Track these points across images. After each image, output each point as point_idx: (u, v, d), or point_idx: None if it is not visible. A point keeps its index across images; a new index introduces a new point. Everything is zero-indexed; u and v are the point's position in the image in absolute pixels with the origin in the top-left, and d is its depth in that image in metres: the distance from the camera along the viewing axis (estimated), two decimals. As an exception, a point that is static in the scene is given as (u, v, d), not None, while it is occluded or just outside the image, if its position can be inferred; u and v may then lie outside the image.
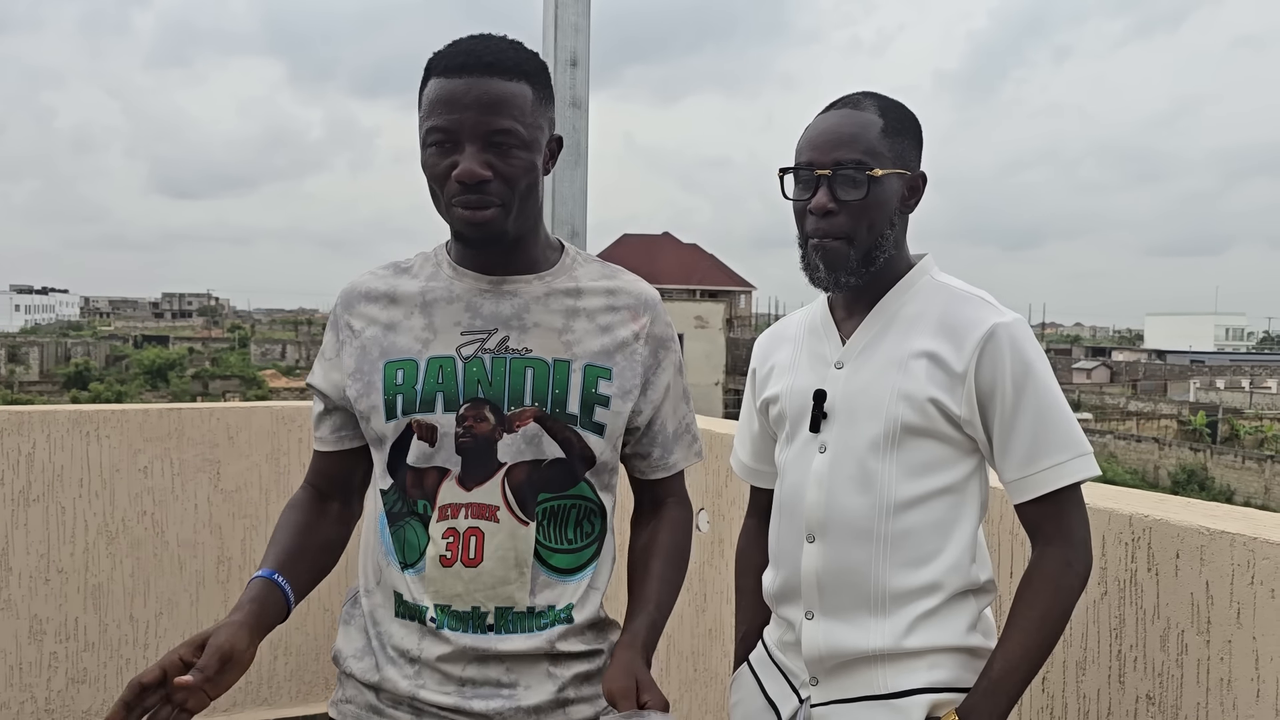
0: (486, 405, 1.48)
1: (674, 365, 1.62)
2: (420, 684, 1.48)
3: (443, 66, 1.42)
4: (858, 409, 1.58)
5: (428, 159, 1.44)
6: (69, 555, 3.44)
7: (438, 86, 1.42)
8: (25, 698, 3.40)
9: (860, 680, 1.57)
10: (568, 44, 3.17)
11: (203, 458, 3.60)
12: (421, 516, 1.49)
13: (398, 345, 1.50)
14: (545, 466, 1.49)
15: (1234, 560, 1.56)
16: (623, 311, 1.56)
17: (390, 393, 1.49)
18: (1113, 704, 1.75)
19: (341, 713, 1.55)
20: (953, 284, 1.62)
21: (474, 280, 1.52)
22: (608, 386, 1.52)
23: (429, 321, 1.51)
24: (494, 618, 1.48)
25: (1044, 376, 1.51)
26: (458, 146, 1.41)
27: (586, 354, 1.52)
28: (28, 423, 3.39)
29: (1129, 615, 1.72)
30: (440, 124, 1.41)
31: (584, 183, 3.26)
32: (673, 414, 1.63)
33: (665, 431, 1.63)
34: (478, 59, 1.41)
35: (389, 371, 1.49)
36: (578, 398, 1.50)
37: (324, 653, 3.79)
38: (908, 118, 1.61)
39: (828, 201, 1.55)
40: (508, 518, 1.48)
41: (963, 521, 1.57)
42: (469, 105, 1.40)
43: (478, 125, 1.40)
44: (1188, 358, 74.18)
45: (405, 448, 1.49)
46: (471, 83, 1.40)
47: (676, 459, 1.65)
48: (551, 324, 1.51)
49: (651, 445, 1.63)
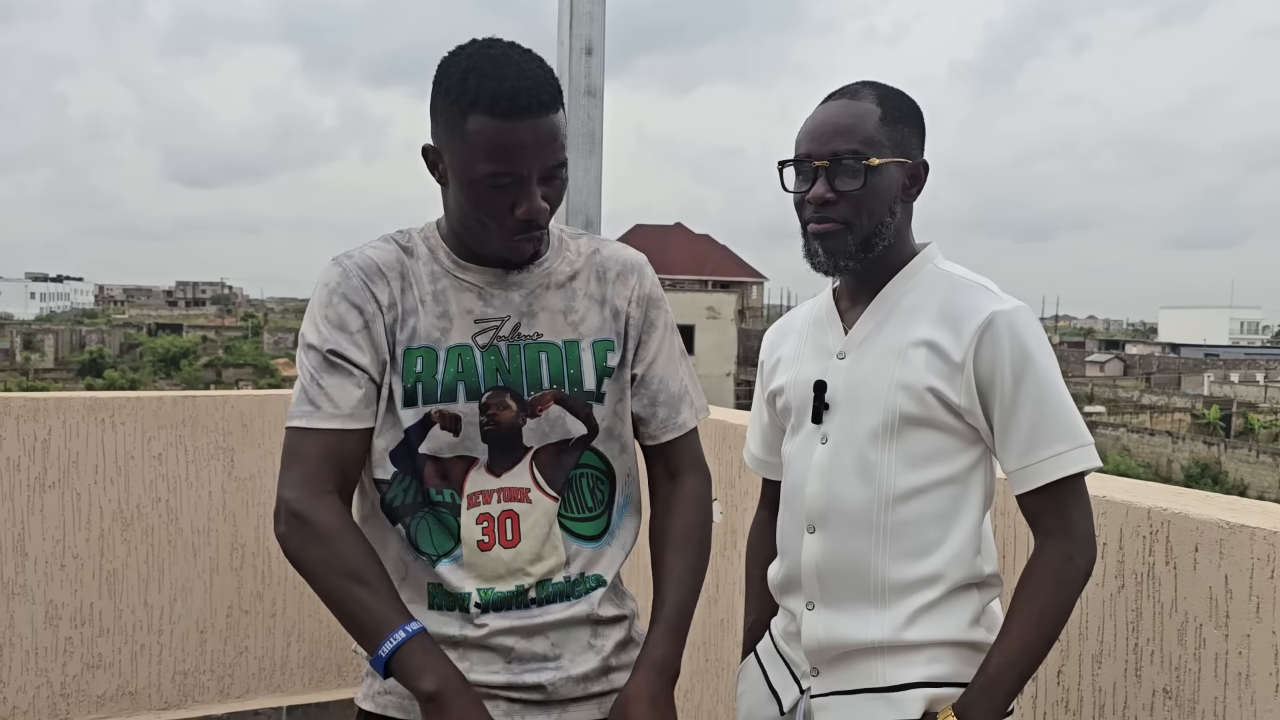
0: (508, 393, 1.50)
1: (665, 323, 1.64)
2: (468, 666, 1.49)
3: (497, 109, 1.37)
4: (858, 399, 1.58)
5: (484, 197, 1.41)
6: (84, 541, 3.46)
7: (496, 130, 1.37)
8: (41, 682, 3.42)
9: (859, 672, 1.57)
10: (583, 32, 3.16)
11: (216, 445, 3.61)
12: (449, 506, 1.50)
13: (417, 331, 1.49)
14: (572, 445, 1.54)
15: (1254, 554, 1.55)
16: (614, 280, 1.59)
17: (410, 380, 1.48)
18: (1129, 698, 1.74)
19: (381, 704, 1.54)
20: (955, 272, 1.61)
21: (479, 273, 1.52)
22: (613, 357, 1.57)
23: (444, 310, 1.51)
24: (536, 591, 1.52)
25: (1044, 365, 1.49)
26: (521, 187, 1.41)
27: (591, 330, 1.56)
28: (43, 409, 3.40)
29: (1146, 609, 1.71)
30: (506, 170, 1.39)
31: (598, 172, 3.25)
32: (673, 373, 1.64)
33: (668, 390, 1.63)
34: (534, 99, 1.38)
35: (409, 358, 1.49)
36: (593, 374, 1.55)
37: (336, 640, 3.80)
38: (907, 105, 1.59)
39: (825, 192, 1.54)
40: (539, 497, 1.52)
41: (965, 513, 1.55)
42: (533, 150, 1.40)
43: (544, 164, 1.42)
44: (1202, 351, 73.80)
45: (420, 437, 1.49)
46: (533, 125, 1.39)
47: (685, 418, 1.65)
48: (556, 307, 1.54)
49: (656, 405, 1.63)
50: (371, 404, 1.48)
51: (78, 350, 58.80)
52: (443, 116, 1.42)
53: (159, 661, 3.57)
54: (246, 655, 3.69)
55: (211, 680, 3.64)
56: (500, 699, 1.51)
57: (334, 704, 3.75)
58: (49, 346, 59.39)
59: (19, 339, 60.60)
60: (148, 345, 58.46)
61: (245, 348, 62.46)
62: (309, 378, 1.47)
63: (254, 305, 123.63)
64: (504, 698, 1.51)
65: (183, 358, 52.76)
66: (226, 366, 53.74)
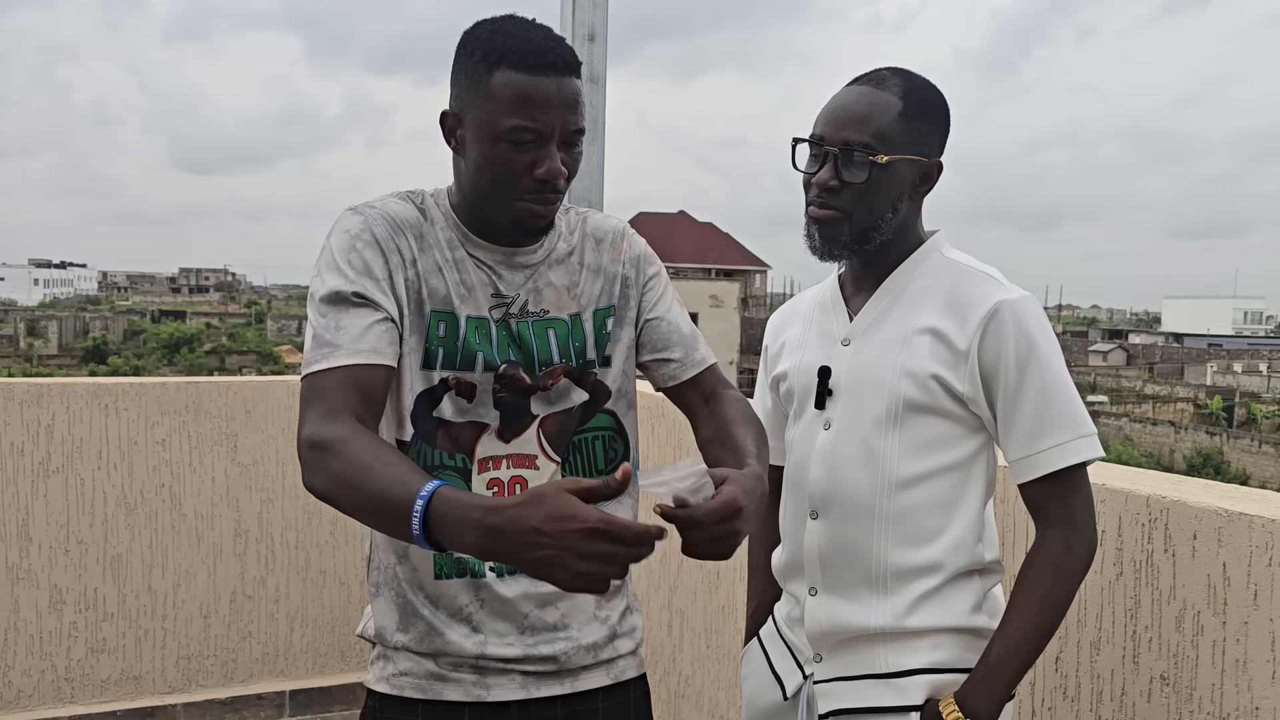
0: (521, 366, 1.52)
1: (662, 275, 1.66)
2: (483, 641, 1.51)
3: (523, 62, 1.38)
4: (862, 385, 1.58)
5: (502, 154, 1.40)
6: (88, 526, 3.47)
7: (522, 82, 1.38)
8: (45, 666, 3.44)
9: (862, 658, 1.58)
10: (585, 19, 3.16)
11: (220, 431, 3.63)
12: (460, 470, 1.51)
13: (438, 294, 1.48)
14: (575, 411, 1.56)
15: (1252, 542, 1.56)
16: (606, 249, 1.61)
17: (434, 343, 1.48)
18: (1127, 684, 1.75)
19: (398, 686, 1.54)
20: (962, 261, 1.61)
21: (488, 250, 1.53)
22: (611, 321, 1.59)
23: (462, 278, 1.50)
24: None
25: (1048, 355, 1.49)
26: (541, 144, 1.41)
27: (592, 300, 1.58)
28: (47, 395, 3.42)
29: (1145, 596, 1.72)
30: (530, 124, 1.39)
31: (601, 159, 3.25)
32: (682, 316, 1.65)
33: (680, 330, 1.63)
34: (559, 57, 1.40)
35: (433, 321, 1.48)
36: (594, 343, 1.57)
37: (339, 624, 3.82)
38: (932, 101, 1.58)
39: (830, 179, 1.54)
40: (545, 463, 1.54)
41: (967, 500, 1.56)
42: (559, 105, 1.40)
43: (565, 125, 1.42)
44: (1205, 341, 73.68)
45: (435, 400, 1.49)
46: (560, 82, 1.40)
47: (704, 354, 1.63)
48: (560, 283, 1.56)
49: (672, 345, 1.61)
50: (394, 342, 1.41)
51: (81, 337, 58.86)
52: (466, 77, 1.43)
53: (163, 646, 3.59)
54: (250, 640, 3.70)
55: (215, 665, 3.66)
56: (515, 672, 1.53)
57: (337, 688, 3.77)
58: (53, 333, 59.48)
59: (23, 325, 60.67)
60: (151, 332, 58.55)
61: (249, 334, 62.49)
62: (326, 323, 1.38)
63: (257, 292, 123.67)
64: (519, 671, 1.53)
65: (186, 344, 52.82)
66: (230, 353, 53.80)
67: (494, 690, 1.52)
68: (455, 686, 1.52)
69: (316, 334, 1.38)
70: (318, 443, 1.28)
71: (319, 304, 1.41)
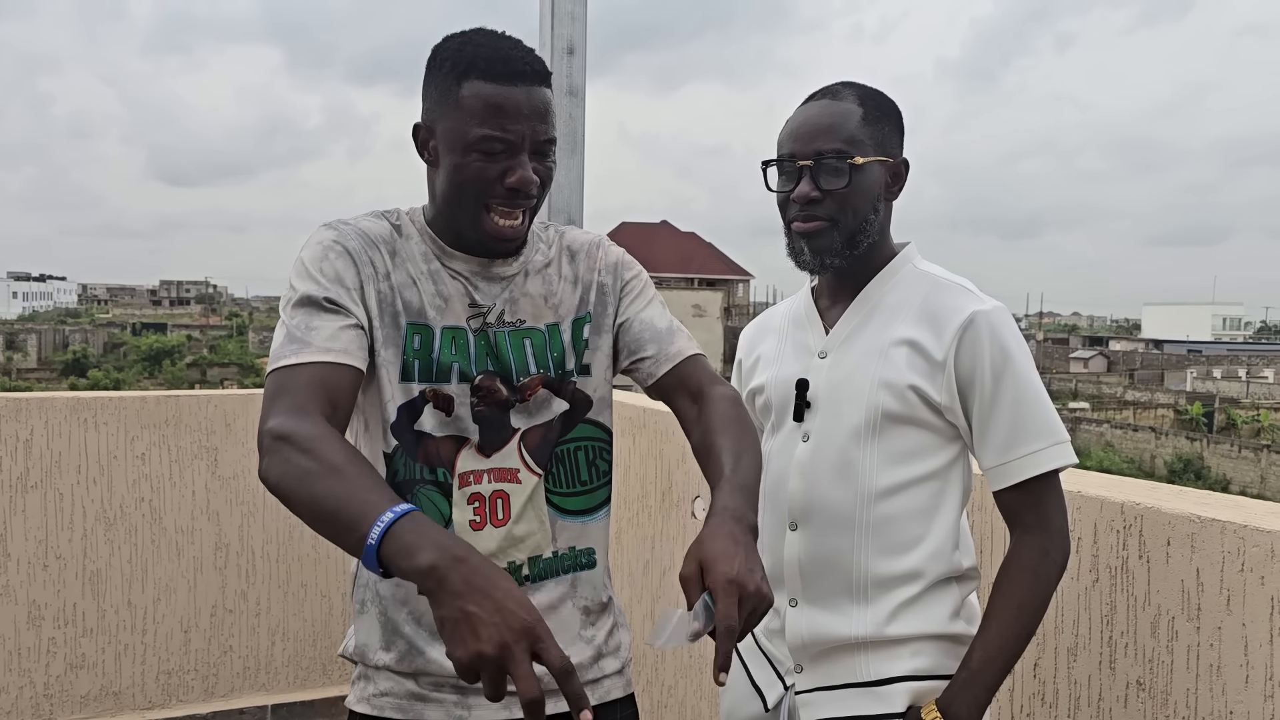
0: (498, 377, 1.51)
1: (641, 279, 1.65)
2: None
3: (492, 72, 1.39)
4: (840, 398, 1.59)
5: (473, 164, 1.41)
6: (67, 541, 3.45)
7: (491, 92, 1.39)
8: (24, 683, 3.41)
9: (843, 667, 1.59)
10: (564, 32, 3.17)
11: (200, 445, 3.61)
12: (441, 485, 1.50)
13: (413, 307, 1.48)
14: (556, 422, 1.55)
15: (1224, 548, 1.58)
16: (582, 260, 1.61)
17: (410, 355, 1.48)
18: (1104, 690, 1.76)
19: (378, 706, 1.52)
20: (934, 272, 1.63)
21: (464, 261, 1.53)
22: (590, 329, 1.59)
23: (438, 290, 1.50)
24: (528, 568, 1.53)
25: (1022, 364, 1.52)
26: (512, 154, 1.41)
27: (569, 310, 1.57)
28: (26, 409, 3.39)
29: (1120, 602, 1.74)
30: (500, 134, 1.39)
31: (580, 172, 3.26)
32: (659, 314, 1.62)
33: (654, 327, 1.60)
34: (529, 66, 1.41)
35: (409, 333, 1.48)
36: (573, 353, 1.57)
37: (321, 639, 3.80)
38: (887, 105, 1.61)
39: (810, 191, 1.56)
40: (528, 476, 1.53)
41: (945, 508, 1.58)
42: (529, 115, 1.41)
43: (534, 135, 1.42)
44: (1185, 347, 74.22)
45: (416, 413, 1.49)
46: (529, 91, 1.41)
47: (681, 346, 1.59)
48: (537, 293, 1.56)
49: (645, 342, 1.59)
50: (364, 348, 1.41)
51: (61, 350, 58.40)
52: (436, 89, 1.44)
53: (143, 661, 3.56)
54: (231, 654, 3.68)
55: (196, 680, 3.63)
56: None
57: (319, 702, 3.75)
58: (32, 346, 58.96)
59: (1, 339, 60.14)
60: (132, 344, 58.14)
61: (230, 347, 62.17)
62: (298, 323, 1.38)
63: (239, 304, 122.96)
64: None
65: (167, 357, 52.48)
66: (211, 366, 53.51)
67: (475, 711, 1.50)
68: (436, 706, 1.50)
69: (289, 332, 1.38)
70: (284, 434, 1.25)
71: (290, 309, 1.41)
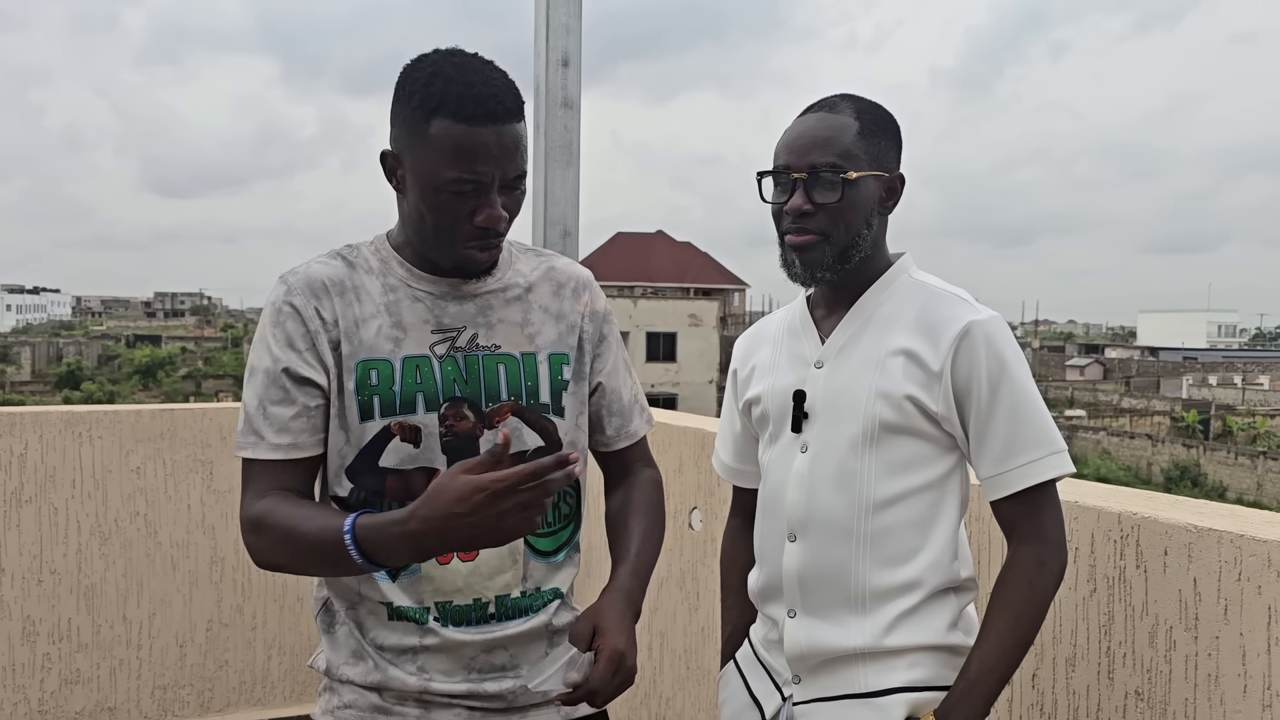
0: (465, 403, 1.50)
1: (616, 337, 1.70)
2: (428, 677, 1.50)
3: (462, 113, 1.38)
4: (837, 408, 1.59)
5: (444, 203, 1.42)
6: (62, 556, 3.44)
7: (460, 134, 1.38)
8: (19, 699, 3.39)
9: (841, 679, 1.58)
10: (559, 44, 3.17)
11: (195, 458, 3.60)
12: None
13: (367, 344, 1.48)
14: (528, 457, 1.51)
15: (1221, 557, 1.58)
16: (567, 296, 1.62)
17: (365, 393, 1.48)
18: (1102, 700, 1.76)
19: (341, 718, 1.55)
20: (930, 282, 1.63)
21: (432, 283, 1.53)
22: (568, 371, 1.59)
23: (397, 320, 1.50)
24: (494, 606, 1.53)
25: (1019, 374, 1.52)
26: (480, 194, 1.42)
27: (548, 344, 1.58)
28: (20, 424, 3.38)
29: (1118, 612, 1.73)
30: (469, 176, 1.40)
31: (575, 183, 3.26)
32: (624, 384, 1.70)
33: (620, 400, 1.69)
34: (498, 104, 1.39)
35: (361, 371, 1.48)
36: (548, 387, 1.56)
37: (318, 652, 3.79)
38: (885, 119, 1.61)
39: (803, 204, 1.56)
40: None
41: (943, 519, 1.57)
42: (498, 155, 1.40)
43: (504, 174, 1.42)
44: (1180, 354, 74.34)
45: (378, 451, 1.49)
46: (497, 132, 1.39)
47: (636, 426, 1.71)
48: (513, 319, 1.56)
49: (609, 415, 1.68)
50: (318, 430, 1.48)
51: (55, 362, 58.29)
52: (405, 121, 1.42)
53: (138, 676, 3.55)
54: (227, 668, 3.67)
55: (191, 694, 3.62)
56: (460, 707, 1.52)
57: (315, 717, 3.73)
58: (25, 359, 58.88)
59: (-5, 352, 60.05)
60: (126, 357, 58.06)
61: (225, 358, 62.03)
62: (256, 403, 1.47)
63: (233, 315, 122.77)
64: (464, 706, 1.52)
65: (161, 369, 52.41)
66: (206, 377, 53.41)
67: None
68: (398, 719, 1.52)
69: (248, 416, 1.48)
70: (249, 522, 1.43)
71: (250, 380, 1.49)
